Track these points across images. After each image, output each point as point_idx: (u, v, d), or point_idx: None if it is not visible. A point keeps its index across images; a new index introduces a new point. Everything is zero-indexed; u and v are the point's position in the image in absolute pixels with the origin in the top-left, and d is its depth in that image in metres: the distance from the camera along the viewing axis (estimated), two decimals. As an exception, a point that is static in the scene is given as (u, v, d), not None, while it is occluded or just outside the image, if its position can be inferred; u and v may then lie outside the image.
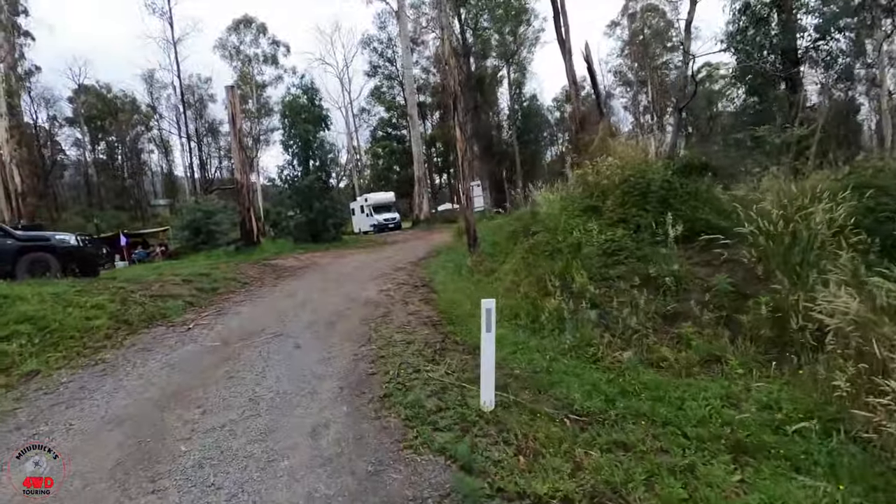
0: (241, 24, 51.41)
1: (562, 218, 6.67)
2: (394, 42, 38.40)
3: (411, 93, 32.87)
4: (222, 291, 11.44)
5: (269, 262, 16.58)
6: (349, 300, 8.87)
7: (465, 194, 9.32)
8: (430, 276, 10.64)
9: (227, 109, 19.83)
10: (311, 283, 11.63)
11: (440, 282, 9.24)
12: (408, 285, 9.98)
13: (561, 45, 19.91)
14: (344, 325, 6.92)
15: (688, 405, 3.58)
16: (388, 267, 13.48)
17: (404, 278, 11.03)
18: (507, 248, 8.00)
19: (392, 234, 27.79)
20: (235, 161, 20.14)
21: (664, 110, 70.38)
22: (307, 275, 13.54)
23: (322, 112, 23.15)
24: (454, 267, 10.23)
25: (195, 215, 23.94)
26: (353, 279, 11.67)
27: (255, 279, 13.33)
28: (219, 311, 9.19)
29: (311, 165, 23.07)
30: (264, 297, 10.25)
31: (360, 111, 45.46)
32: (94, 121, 61.84)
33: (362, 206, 34.62)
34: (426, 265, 12.97)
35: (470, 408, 3.73)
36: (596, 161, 7.73)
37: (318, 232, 22.64)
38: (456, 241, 15.13)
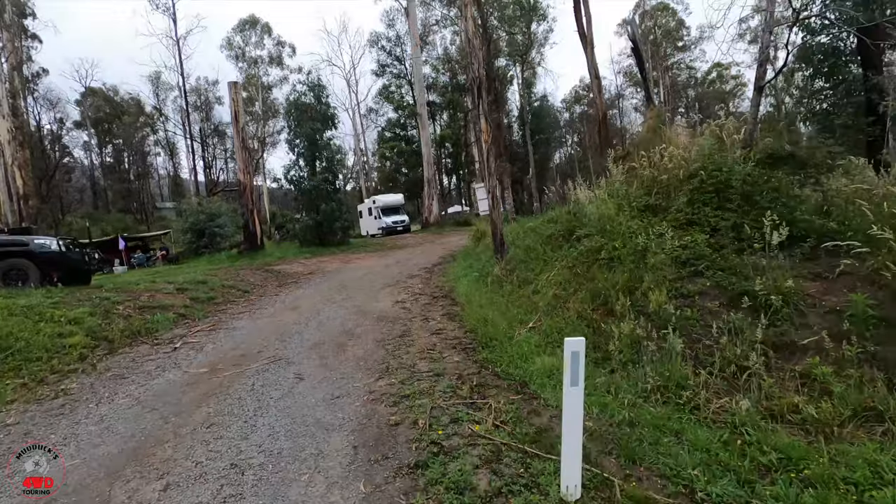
0: (247, 25, 50.76)
1: (620, 220, 5.51)
2: (402, 40, 37.42)
3: (421, 91, 31.82)
4: (220, 301, 10.37)
5: (272, 267, 15.54)
6: (360, 314, 7.75)
7: (490, 192, 8.18)
8: (451, 284, 9.50)
9: (230, 107, 18.89)
10: (318, 293, 10.54)
11: (464, 293, 8.10)
12: (426, 296, 8.85)
13: (582, 37, 18.77)
14: (355, 348, 5.79)
15: (870, 496, 2.41)
16: (400, 273, 12.36)
17: (420, 287, 9.90)
18: (545, 255, 6.84)
19: (401, 238, 26.71)
20: (238, 160, 19.16)
21: (675, 111, 69.08)
22: (313, 282, 12.45)
23: (329, 110, 22.13)
24: (478, 275, 9.08)
25: (197, 218, 23.02)
26: (363, 288, 10.57)
27: (256, 287, 12.26)
28: (213, 325, 8.11)
29: (318, 166, 22.04)
30: (265, 309, 9.16)
31: (367, 111, 44.53)
32: (102, 123, 61.58)
33: (370, 209, 33.57)
34: (443, 272, 11.84)
35: (544, 492, 2.58)
36: (650, 152, 6.57)
37: (324, 235, 21.60)
38: (474, 246, 13.98)
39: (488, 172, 8.24)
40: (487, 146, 8.23)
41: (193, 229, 22.99)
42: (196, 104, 59.41)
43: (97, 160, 64.93)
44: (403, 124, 40.11)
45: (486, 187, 7.91)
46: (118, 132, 62.23)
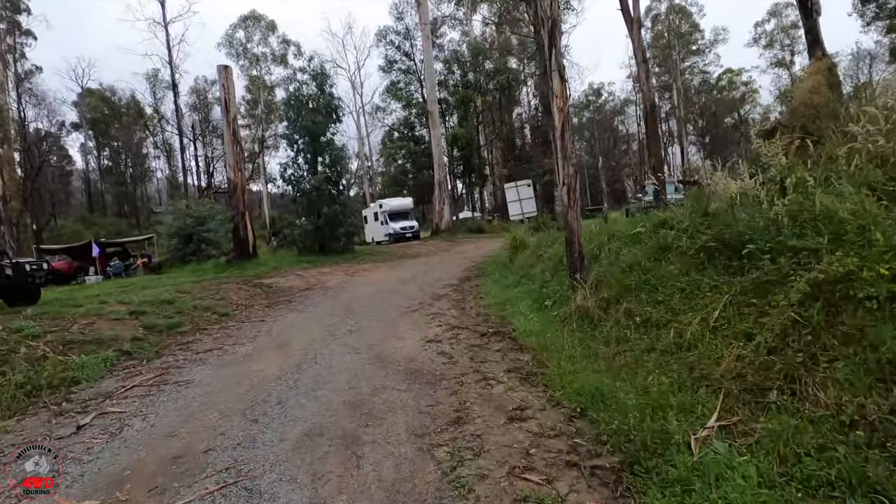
0: (249, 21, 48.63)
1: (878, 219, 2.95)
2: (412, 34, 35.03)
3: (432, 87, 29.37)
4: (186, 330, 7.80)
5: (264, 280, 12.97)
6: (377, 363, 5.16)
7: (565, 185, 5.61)
8: (498, 312, 6.90)
9: (221, 93, 16.46)
10: (316, 319, 7.94)
11: (529, 331, 5.52)
12: (467, 329, 6.26)
13: (626, 15, 16.32)
14: (376, 452, 3.19)
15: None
16: (421, 291, 9.77)
17: (455, 315, 7.30)
18: (680, 280, 4.24)
19: (411, 245, 24.13)
20: (228, 155, 16.69)
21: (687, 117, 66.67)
22: (310, 302, 9.87)
23: (333, 101, 19.67)
24: (539, 299, 6.51)
25: (184, 222, 20.51)
26: (375, 312, 7.98)
27: (239, 308, 9.69)
28: (160, 374, 5.52)
29: (320, 164, 19.55)
30: (241, 346, 6.57)
31: (374, 109, 42.08)
32: (99, 124, 59.60)
33: (376, 214, 31.04)
34: (477, 291, 9.24)
35: None
36: (842, 119, 4.03)
37: (326, 242, 19.05)
38: (510, 257, 11.40)
39: (563, 155, 5.67)
40: (563, 116, 5.66)
41: (180, 234, 20.47)
42: (195, 105, 57.35)
43: (95, 163, 63.00)
44: (412, 124, 37.61)
45: (561, 175, 5.37)
46: (116, 134, 60.27)
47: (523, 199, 14.62)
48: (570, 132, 5.79)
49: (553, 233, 10.08)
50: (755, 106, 66.82)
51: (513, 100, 42.12)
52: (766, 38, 60.39)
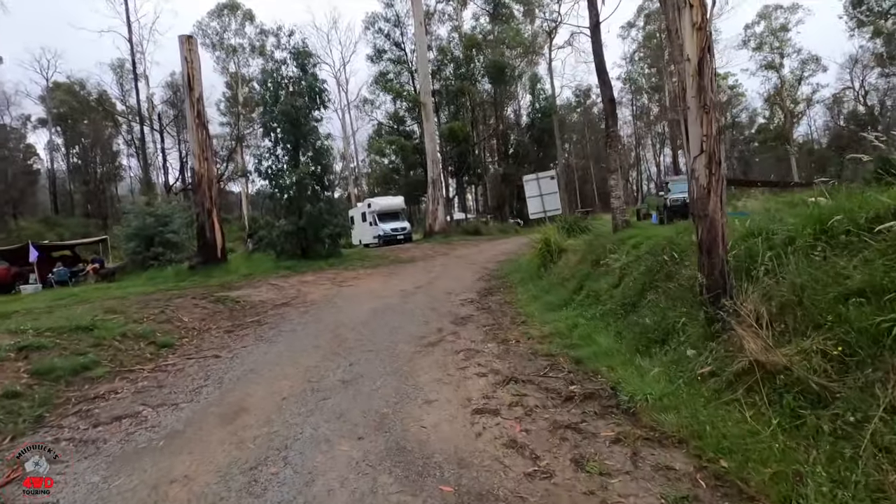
0: (225, 10, 45.64)
1: None
2: (403, 22, 32.64)
3: (425, 76, 26.98)
4: (100, 376, 5.29)
5: (231, 291, 10.45)
6: (400, 471, 2.77)
7: (703, 153, 3.32)
8: (572, 353, 4.58)
9: (182, 69, 13.90)
10: (291, 359, 5.48)
11: (659, 396, 3.22)
12: (531, 384, 3.93)
13: None
14: None
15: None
16: (433, 310, 7.40)
17: (498, 352, 4.96)
18: None
19: (403, 249, 21.71)
20: (192, 142, 14.10)
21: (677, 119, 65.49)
22: (287, 324, 7.41)
23: (317, 83, 17.18)
24: (640, 335, 4.22)
25: (144, 221, 17.77)
26: (377, 345, 5.59)
27: (190, 334, 7.19)
28: (6, 482, 3.07)
29: (302, 155, 17.06)
30: (167, 415, 4.09)
31: (361, 102, 39.48)
32: (66, 120, 56.02)
33: (364, 214, 28.52)
34: (513, 311, 6.91)
35: None
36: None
37: (308, 245, 16.55)
38: (538, 264, 9.11)
39: (701, 102, 3.40)
40: (704, 37, 3.39)
41: (140, 236, 17.73)
42: (172, 100, 53.91)
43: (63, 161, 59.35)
44: (402, 118, 35.15)
45: (695, 136, 3.03)
46: (86, 130, 56.70)
47: (545, 195, 12.43)
48: (713, 65, 3.51)
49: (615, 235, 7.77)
50: (742, 110, 66.27)
51: (508, 95, 40.00)
52: (756, 40, 59.58)
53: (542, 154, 37.19)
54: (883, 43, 40.48)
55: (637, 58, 63.15)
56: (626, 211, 8.23)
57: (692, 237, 4.95)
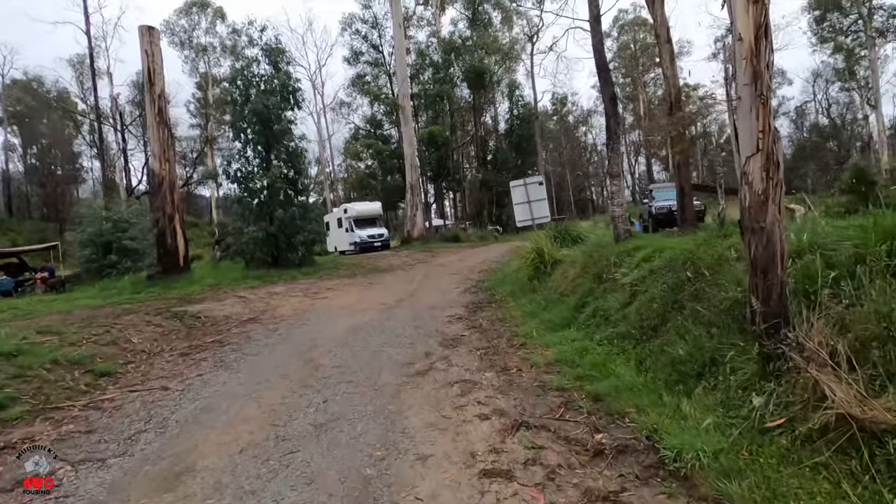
0: (194, 7, 43.97)
1: None
2: (381, 24, 31.85)
3: (403, 79, 26.27)
4: (16, 417, 4.33)
5: (192, 305, 9.46)
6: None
7: (760, 151, 2.72)
8: (588, 387, 3.90)
9: (142, 63, 12.80)
10: (253, 392, 4.59)
11: (715, 455, 2.56)
12: (547, 430, 3.22)
13: None
14: None
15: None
16: (418, 329, 6.63)
17: (498, 384, 4.25)
18: None
19: (381, 256, 20.84)
20: (153, 142, 13.00)
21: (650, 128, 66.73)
22: (252, 346, 6.52)
23: (290, 81, 16.26)
24: (673, 372, 3.58)
25: (100, 227, 16.45)
26: (356, 373, 4.77)
27: (137, 359, 6.24)
28: None
29: (274, 157, 16.07)
30: (91, 475, 3.20)
31: (338, 105, 38.41)
32: (23, 118, 53.11)
33: (340, 220, 27.50)
34: (509, 330, 6.21)
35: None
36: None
37: (281, 252, 15.55)
38: (530, 274, 8.47)
39: (756, 90, 2.79)
40: (761, 10, 2.80)
41: (95, 242, 16.40)
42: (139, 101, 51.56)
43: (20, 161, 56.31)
44: (380, 121, 34.28)
45: (749, 132, 2.36)
46: (44, 129, 53.84)
47: (533, 201, 11.83)
48: (771, 45, 2.91)
49: (617, 246, 7.16)
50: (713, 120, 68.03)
51: (487, 100, 39.61)
52: (726, 52, 61.08)
53: (521, 161, 36.86)
54: (843, 59, 41.92)
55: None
56: (625, 219, 7.64)
57: (718, 250, 4.37)
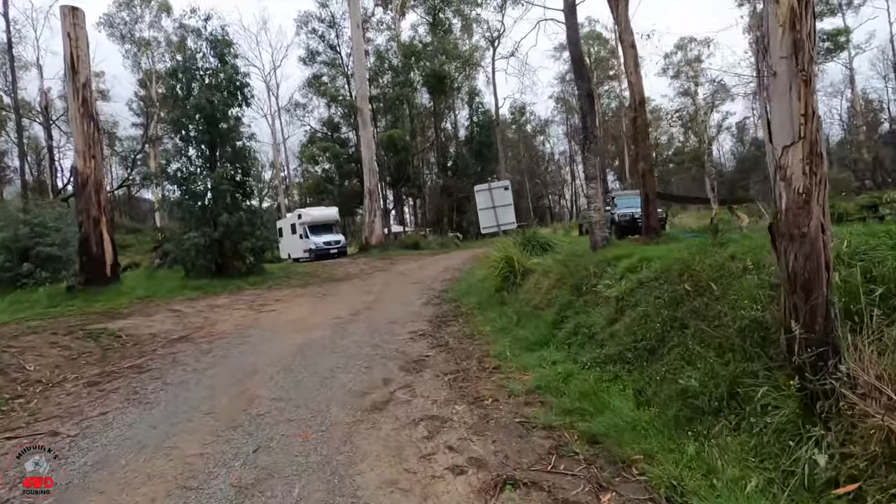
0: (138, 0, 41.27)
1: None
2: (338, 24, 30.82)
3: (362, 81, 25.37)
4: None
5: (114, 321, 8.23)
6: None
7: (802, 139, 2.17)
8: (580, 424, 3.24)
9: (64, 48, 11.37)
10: (169, 436, 3.64)
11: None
12: (538, 489, 2.57)
13: None
14: None
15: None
16: (375, 348, 5.83)
17: (471, 421, 3.53)
18: None
19: (338, 264, 19.78)
20: (75, 136, 11.54)
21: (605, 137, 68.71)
22: (178, 372, 5.49)
23: (238, 76, 15.09)
24: (684, 412, 2.98)
25: (16, 231, 14.59)
26: (301, 409, 3.91)
27: (30, 391, 5.07)
28: None
29: (220, 157, 14.83)
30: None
31: (293, 106, 36.85)
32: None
33: (294, 226, 26.16)
34: (479, 350, 5.51)
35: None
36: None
37: (226, 260, 14.28)
38: (497, 285, 7.84)
39: (799, 67, 2.22)
40: None
41: (10, 248, 14.51)
42: (73, 96, 47.82)
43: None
44: (337, 124, 33.09)
45: (797, 104, 1.78)
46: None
47: (498, 207, 11.30)
48: (814, 12, 2.40)
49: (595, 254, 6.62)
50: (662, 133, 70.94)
51: (447, 106, 39.22)
52: (674, 69, 63.90)
53: (481, 168, 36.64)
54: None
55: (568, 78, 65.55)
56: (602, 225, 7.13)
57: (718, 261, 3.86)
